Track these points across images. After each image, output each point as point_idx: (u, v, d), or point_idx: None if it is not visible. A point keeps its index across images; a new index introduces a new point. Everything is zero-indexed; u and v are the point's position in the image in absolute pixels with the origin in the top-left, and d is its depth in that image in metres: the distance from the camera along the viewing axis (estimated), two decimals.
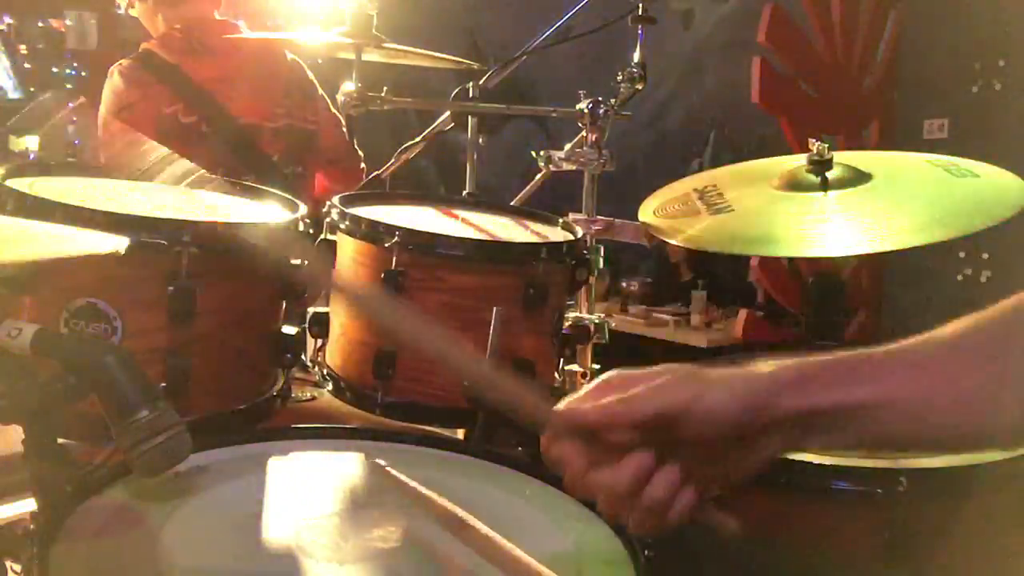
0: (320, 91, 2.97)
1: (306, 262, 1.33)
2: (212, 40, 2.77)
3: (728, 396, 0.85)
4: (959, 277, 3.65)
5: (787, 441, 0.87)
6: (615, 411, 0.86)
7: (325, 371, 1.53)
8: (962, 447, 0.96)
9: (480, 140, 2.05)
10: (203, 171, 1.65)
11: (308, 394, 1.65)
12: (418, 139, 2.18)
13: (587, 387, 0.90)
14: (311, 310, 1.53)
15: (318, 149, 2.94)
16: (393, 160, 2.21)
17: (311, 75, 2.96)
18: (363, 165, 3.07)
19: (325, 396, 1.56)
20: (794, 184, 1.63)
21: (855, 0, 4.00)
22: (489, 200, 1.84)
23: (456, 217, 1.67)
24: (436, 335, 1.01)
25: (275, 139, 2.79)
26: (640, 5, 1.95)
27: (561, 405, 0.90)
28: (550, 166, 1.95)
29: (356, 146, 3.02)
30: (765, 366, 0.87)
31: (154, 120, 2.66)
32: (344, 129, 3.02)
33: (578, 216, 1.80)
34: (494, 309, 1.39)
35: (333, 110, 2.97)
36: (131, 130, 2.69)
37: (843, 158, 1.65)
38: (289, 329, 1.45)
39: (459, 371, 1.12)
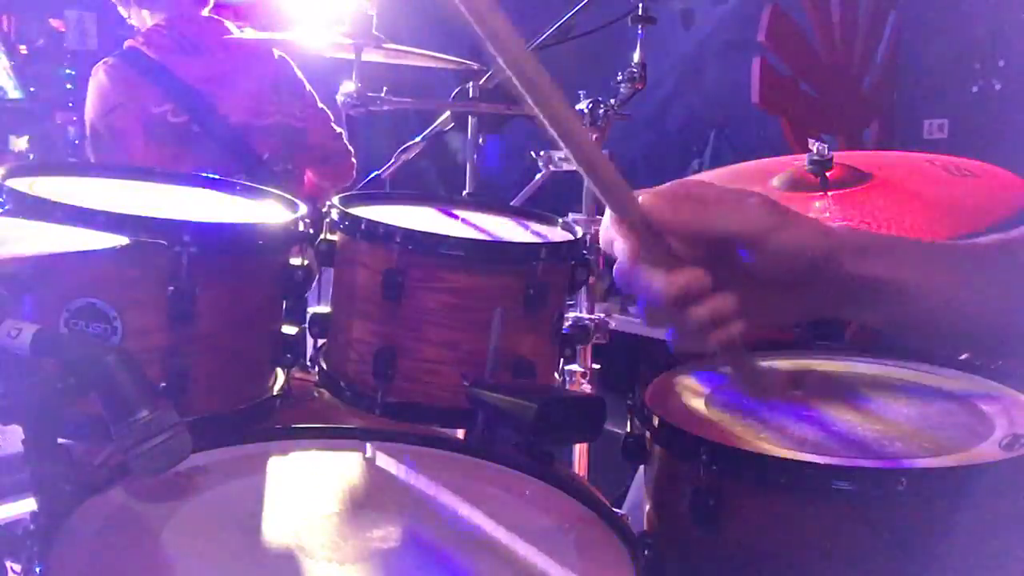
0: (308, 88, 2.97)
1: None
2: (200, 38, 2.77)
3: (804, 238, 0.86)
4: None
5: (830, 300, 0.90)
6: (693, 219, 0.84)
7: (325, 371, 1.53)
8: (976, 347, 1.02)
9: (480, 140, 2.05)
10: None
11: (308, 394, 1.65)
12: (418, 139, 2.18)
13: (665, 187, 0.87)
14: (311, 310, 1.53)
15: (307, 146, 2.94)
16: (393, 160, 2.22)
17: (299, 73, 2.96)
18: (354, 161, 3.07)
19: (325, 396, 1.56)
20: (794, 184, 1.63)
21: (855, 0, 4.00)
22: (489, 200, 1.84)
23: (456, 217, 1.67)
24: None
25: (265, 137, 2.79)
26: (640, 5, 1.95)
27: (642, 198, 0.86)
28: (550, 166, 1.95)
29: (351, 145, 3.02)
30: (835, 224, 0.90)
31: (143, 120, 2.66)
32: (334, 126, 3.02)
33: (578, 216, 1.80)
34: (494, 309, 1.39)
35: (321, 106, 2.97)
36: (119, 132, 2.69)
37: (843, 158, 1.65)
38: (289, 329, 1.45)
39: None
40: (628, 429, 1.42)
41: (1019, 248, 0.94)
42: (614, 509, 1.15)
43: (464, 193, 2.02)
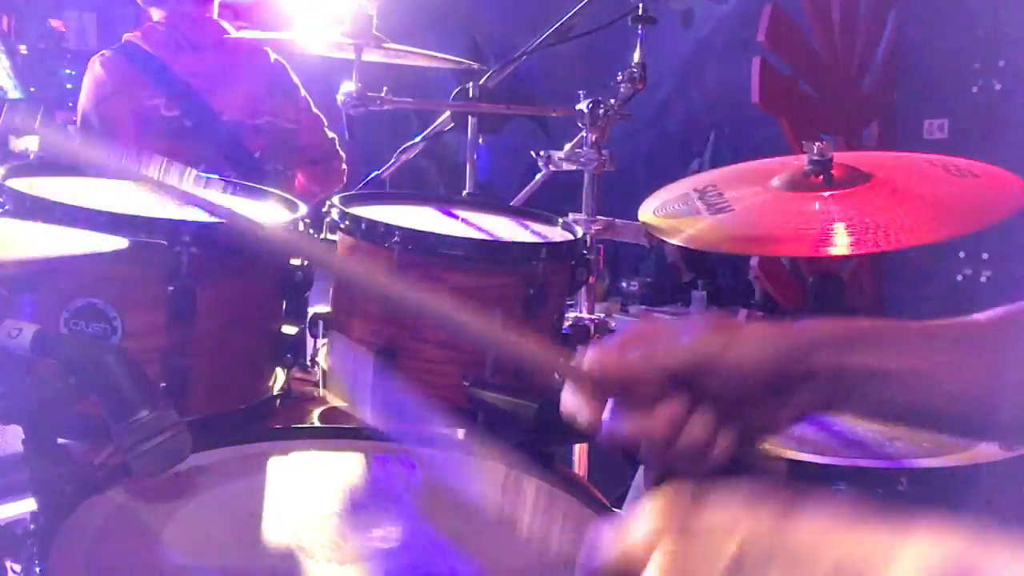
0: (303, 92, 2.98)
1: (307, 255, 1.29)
2: (197, 37, 2.77)
3: (759, 349, 0.84)
4: (959, 277, 3.65)
5: (818, 399, 0.87)
6: (642, 365, 0.85)
7: (325, 371, 1.53)
8: (968, 433, 0.97)
9: (480, 140, 2.05)
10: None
11: (308, 394, 1.65)
12: (418, 139, 2.18)
13: (613, 339, 0.89)
14: (311, 310, 1.53)
15: (298, 148, 2.95)
16: (393, 160, 2.21)
17: (294, 76, 2.97)
18: (344, 167, 3.08)
19: (325, 396, 1.55)
20: (794, 184, 1.62)
21: (855, 0, 4.00)
22: (489, 200, 1.84)
23: (456, 217, 1.67)
24: (446, 307, 0.99)
25: (256, 136, 2.80)
26: (640, 5, 1.95)
27: (586, 359, 0.88)
28: (550, 166, 1.95)
29: (351, 145, 3.02)
30: (801, 323, 0.87)
31: (134, 111, 2.66)
32: (326, 131, 3.03)
33: (578, 216, 1.80)
34: (494, 309, 1.39)
35: (315, 112, 2.98)
36: (110, 122, 2.69)
37: (843, 158, 1.65)
38: (289, 329, 1.45)
39: (473, 338, 1.10)
40: None
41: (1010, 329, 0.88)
42: (614, 509, 1.15)
43: (464, 193, 2.02)
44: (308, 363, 1.57)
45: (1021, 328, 0.88)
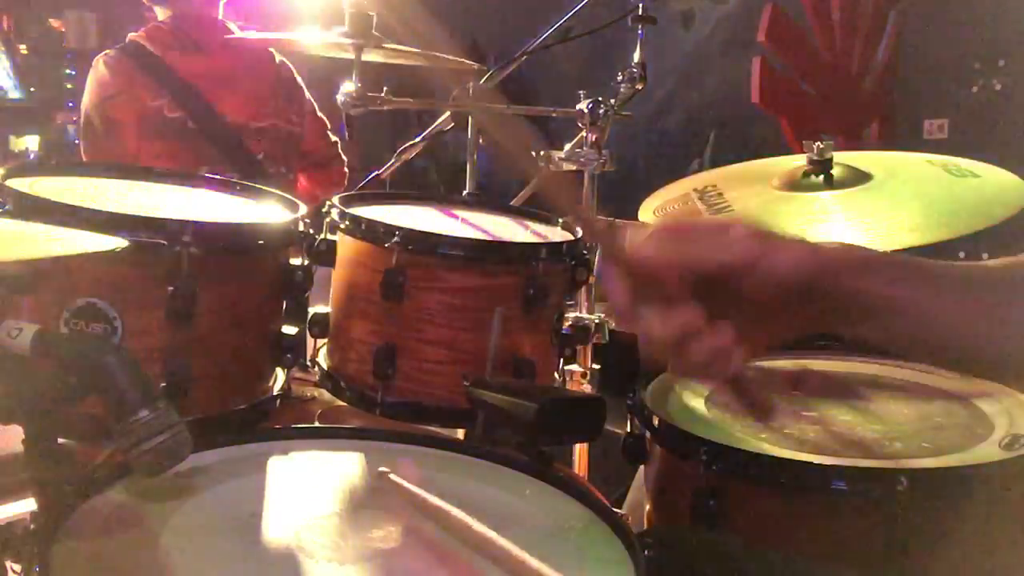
0: (307, 95, 2.98)
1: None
2: (202, 37, 2.77)
3: (794, 260, 0.86)
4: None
5: (831, 316, 0.90)
6: (680, 257, 0.85)
7: (325, 371, 1.53)
8: (976, 370, 1.00)
9: (480, 140, 2.05)
10: None
11: (308, 394, 1.65)
12: (418, 139, 2.18)
13: (651, 230, 0.89)
14: (311, 310, 1.53)
15: (302, 152, 2.95)
16: (393, 160, 2.21)
17: (299, 79, 2.97)
18: (346, 171, 3.08)
19: (325, 396, 1.56)
20: (794, 184, 1.63)
21: (855, 0, 4.00)
22: (489, 200, 1.84)
23: (456, 217, 1.67)
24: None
25: (260, 138, 2.79)
26: (640, 5, 1.95)
27: (626, 243, 0.89)
28: (550, 166, 1.95)
29: (351, 145, 3.02)
30: (829, 243, 0.90)
31: (138, 112, 2.66)
32: (329, 134, 3.04)
33: None
34: (494, 309, 1.39)
35: (319, 115, 2.99)
36: (113, 122, 2.69)
37: (843, 158, 1.65)
38: (289, 329, 1.45)
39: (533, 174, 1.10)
40: (628, 429, 1.42)
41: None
42: (614, 509, 1.15)
43: (464, 193, 2.02)
44: (308, 363, 1.58)
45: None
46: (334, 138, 3.05)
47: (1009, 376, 1.02)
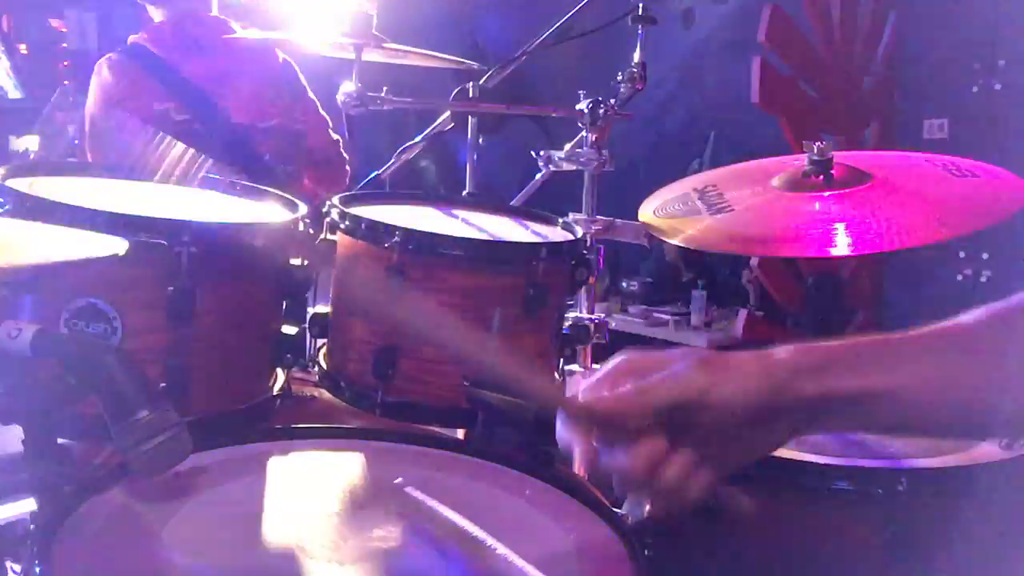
0: (310, 93, 2.97)
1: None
2: (203, 37, 2.76)
3: (744, 383, 0.84)
4: (959, 277, 3.65)
5: (799, 424, 0.88)
6: (630, 401, 0.85)
7: (325, 371, 1.53)
8: (967, 436, 0.97)
9: (480, 140, 2.05)
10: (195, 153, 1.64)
11: (308, 394, 1.65)
12: (418, 139, 2.18)
13: (599, 372, 0.89)
14: (311, 310, 1.53)
15: (306, 150, 2.93)
16: (393, 160, 2.21)
17: (302, 77, 2.96)
18: (348, 169, 3.08)
19: (325, 396, 1.55)
20: (794, 184, 1.62)
21: (855, 0, 3.99)
22: (489, 200, 1.84)
23: (456, 217, 1.67)
24: (442, 327, 1.01)
25: (267, 138, 2.78)
26: (640, 5, 1.95)
27: (575, 391, 0.89)
28: (550, 166, 1.95)
29: (351, 144, 3.02)
30: (781, 350, 0.87)
31: (144, 116, 2.65)
32: (332, 133, 3.03)
33: (578, 216, 1.80)
34: (494, 309, 1.39)
35: (322, 113, 2.97)
36: (119, 126, 2.68)
37: (843, 158, 1.65)
38: (289, 329, 1.45)
39: (465, 361, 1.12)
40: None
41: (1018, 319, 0.87)
42: (614, 509, 1.15)
43: (464, 193, 2.02)
44: (308, 363, 1.58)
45: (1007, 326, 0.87)
46: (336, 136, 3.04)
47: (1005, 432, 0.99)
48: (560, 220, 1.70)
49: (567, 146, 1.91)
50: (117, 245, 1.04)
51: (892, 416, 0.86)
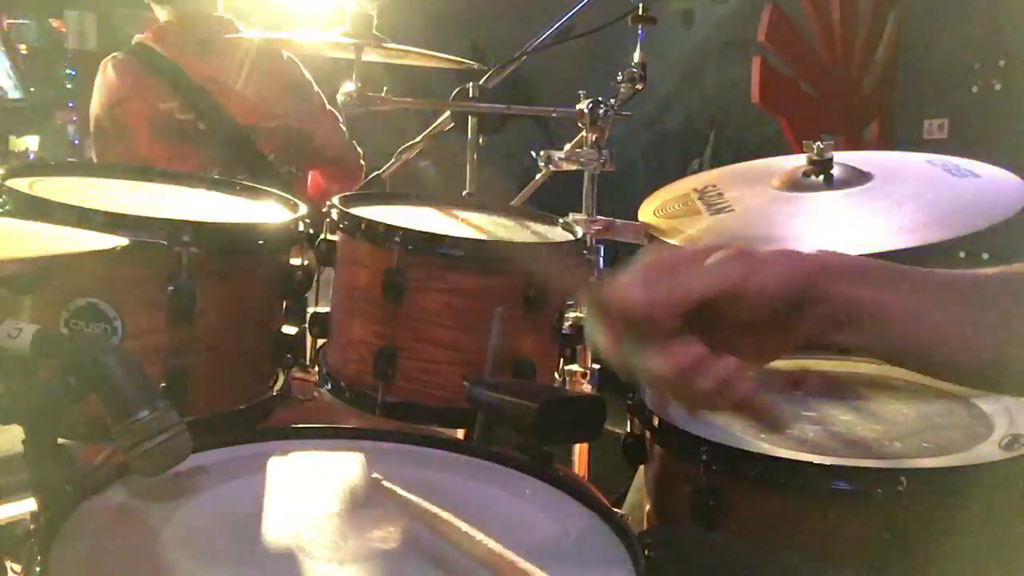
0: (315, 88, 2.95)
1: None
2: (208, 37, 2.76)
3: (782, 273, 0.85)
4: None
5: (821, 326, 0.87)
6: (664, 299, 0.84)
7: (325, 371, 1.53)
8: (977, 383, 0.99)
9: (480, 140, 2.05)
10: None
11: (308, 394, 1.65)
12: (418, 139, 2.18)
13: (629, 271, 0.87)
14: (311, 310, 1.53)
15: (313, 149, 2.92)
16: (393, 160, 2.22)
17: (307, 74, 2.95)
18: (362, 163, 3.05)
19: (325, 396, 1.56)
20: (794, 184, 1.63)
21: (855, 0, 4.00)
22: (489, 200, 1.84)
23: (456, 217, 1.67)
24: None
25: (271, 138, 2.78)
26: (640, 5, 1.95)
27: (607, 288, 0.87)
28: (550, 166, 1.95)
29: (355, 145, 3.01)
30: (813, 251, 0.88)
31: (148, 116, 2.65)
32: (342, 127, 3.00)
33: (578, 216, 1.80)
34: (494, 309, 1.39)
35: (329, 107, 2.94)
36: (124, 127, 2.68)
37: (843, 158, 1.65)
38: (289, 329, 1.45)
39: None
40: (628, 429, 1.42)
41: (1021, 283, 0.90)
42: (614, 509, 1.15)
43: (464, 193, 2.02)
44: (308, 363, 1.58)
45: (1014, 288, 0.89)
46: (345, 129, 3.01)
47: (1010, 387, 1.00)
48: (560, 220, 1.70)
49: (567, 146, 1.92)
50: (117, 244, 1.04)
51: (908, 339, 0.87)
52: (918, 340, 0.87)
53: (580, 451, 2.00)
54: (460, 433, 1.56)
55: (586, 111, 1.84)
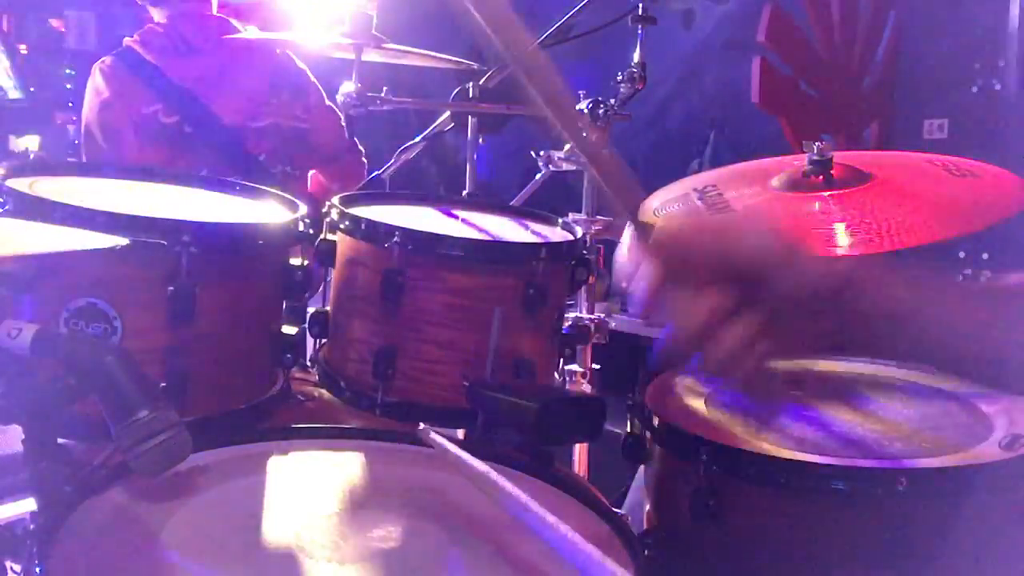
0: (313, 81, 2.91)
1: None
2: (196, 38, 2.75)
3: (827, 265, 0.88)
4: (959, 277, 3.65)
5: (853, 328, 0.90)
6: (719, 251, 0.87)
7: (325, 371, 1.53)
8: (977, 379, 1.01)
9: (480, 140, 2.05)
10: None
11: (308, 394, 1.65)
12: (418, 139, 2.18)
13: (687, 221, 0.91)
14: (311, 310, 1.53)
15: (311, 147, 2.89)
16: (393, 160, 2.22)
17: (304, 69, 2.91)
18: (364, 161, 3.03)
19: (325, 396, 1.56)
20: (794, 184, 1.62)
21: (855, 0, 3.99)
22: (489, 200, 1.84)
23: (456, 217, 1.67)
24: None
25: (260, 139, 2.77)
26: (640, 5, 1.95)
27: (661, 225, 0.91)
28: (550, 166, 1.95)
29: (357, 143, 3.00)
30: (850, 258, 0.91)
31: (133, 119, 2.65)
32: (343, 124, 2.98)
33: (578, 216, 1.80)
34: (494, 309, 1.39)
35: (329, 104, 2.91)
36: (111, 130, 2.68)
37: (843, 158, 1.65)
38: (289, 329, 1.45)
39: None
40: (628, 429, 1.42)
41: None
42: (614, 509, 1.15)
43: (464, 193, 2.02)
44: (308, 363, 1.58)
45: None
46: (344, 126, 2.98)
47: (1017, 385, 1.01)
48: (560, 220, 1.70)
49: (567, 146, 1.92)
50: (117, 244, 1.04)
51: (934, 343, 0.90)
52: (949, 347, 0.90)
53: (580, 451, 2.01)
54: (460, 433, 1.56)
55: (586, 111, 1.84)
